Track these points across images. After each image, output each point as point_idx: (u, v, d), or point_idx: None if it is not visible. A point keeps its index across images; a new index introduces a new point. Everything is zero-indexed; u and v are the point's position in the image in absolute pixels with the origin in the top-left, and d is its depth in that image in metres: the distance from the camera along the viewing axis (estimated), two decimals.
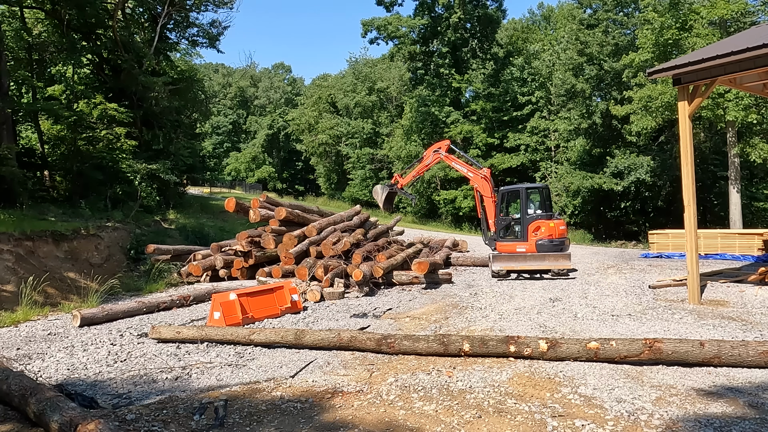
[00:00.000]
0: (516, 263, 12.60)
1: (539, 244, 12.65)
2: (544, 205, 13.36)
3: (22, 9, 19.22)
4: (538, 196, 13.58)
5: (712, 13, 22.17)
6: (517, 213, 13.57)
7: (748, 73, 9.18)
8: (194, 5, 24.67)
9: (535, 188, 13.77)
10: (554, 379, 5.49)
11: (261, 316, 8.94)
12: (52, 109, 18.19)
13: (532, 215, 13.02)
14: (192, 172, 34.63)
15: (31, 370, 6.39)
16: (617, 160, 30.71)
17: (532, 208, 13.30)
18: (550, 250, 12.55)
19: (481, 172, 13.77)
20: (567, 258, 12.47)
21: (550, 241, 12.63)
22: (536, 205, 13.43)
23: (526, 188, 13.29)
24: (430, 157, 14.27)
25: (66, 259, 13.04)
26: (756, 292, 9.65)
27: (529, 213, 13.06)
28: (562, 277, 12.49)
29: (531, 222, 12.90)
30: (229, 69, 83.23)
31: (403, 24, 40.15)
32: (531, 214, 13.05)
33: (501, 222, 13.42)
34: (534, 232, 12.82)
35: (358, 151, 48.68)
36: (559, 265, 12.43)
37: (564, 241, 12.90)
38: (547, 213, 13.12)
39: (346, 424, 4.56)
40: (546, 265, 12.48)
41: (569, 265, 12.52)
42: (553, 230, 12.71)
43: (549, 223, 12.76)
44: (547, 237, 12.64)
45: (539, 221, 12.86)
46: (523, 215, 13.05)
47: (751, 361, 5.57)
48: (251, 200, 15.37)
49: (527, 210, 13.07)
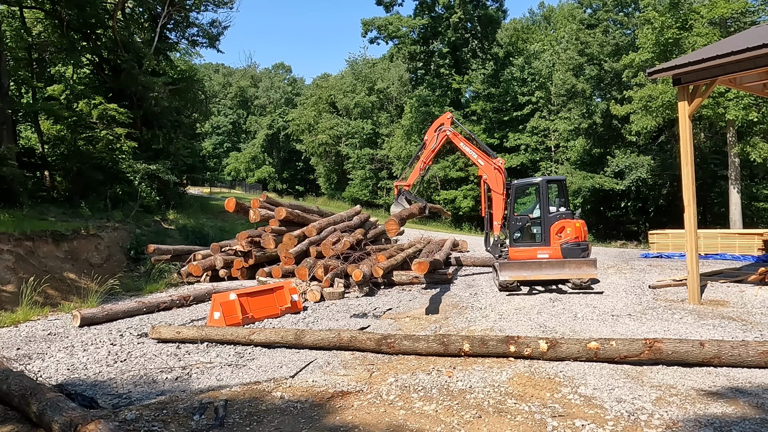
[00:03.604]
0: (529, 272, 10.41)
1: (565, 248, 10.54)
2: (564, 202, 11.34)
3: (21, 9, 19.22)
4: (557, 190, 11.67)
5: (712, 13, 22.19)
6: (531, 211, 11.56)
7: (748, 73, 9.18)
8: (194, 5, 24.66)
9: (555, 181, 11.62)
10: (554, 379, 5.49)
11: (261, 316, 8.94)
12: (52, 109, 18.21)
13: (555, 213, 10.91)
14: (192, 172, 34.66)
15: (31, 370, 6.39)
16: (617, 159, 30.74)
17: (554, 205, 11.25)
18: (578, 255, 10.50)
19: (495, 162, 11.52)
20: (592, 265, 10.31)
21: (577, 244, 10.56)
22: (556, 201, 11.46)
23: (546, 181, 11.15)
24: (434, 139, 12.03)
25: (66, 259, 13.04)
26: (756, 292, 9.64)
27: (551, 211, 10.96)
28: (584, 290, 10.55)
29: (554, 222, 10.80)
30: (229, 69, 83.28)
31: (404, 24, 40.18)
32: (553, 212, 10.96)
33: (515, 223, 11.24)
34: (558, 233, 10.71)
35: (358, 151, 48.70)
36: (582, 274, 10.36)
37: (588, 245, 11.03)
38: (568, 211, 11.11)
39: (346, 424, 4.55)
40: (566, 273, 10.41)
41: (594, 273, 10.37)
42: (579, 231, 10.71)
43: (575, 223, 10.74)
44: (574, 239, 10.57)
45: (563, 221, 10.78)
46: (544, 214, 10.90)
47: (751, 361, 5.56)
48: (251, 200, 15.37)
49: (548, 207, 10.96)
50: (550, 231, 10.78)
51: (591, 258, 10.56)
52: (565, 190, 11.52)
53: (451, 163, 38.19)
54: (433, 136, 12.08)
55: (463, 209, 37.03)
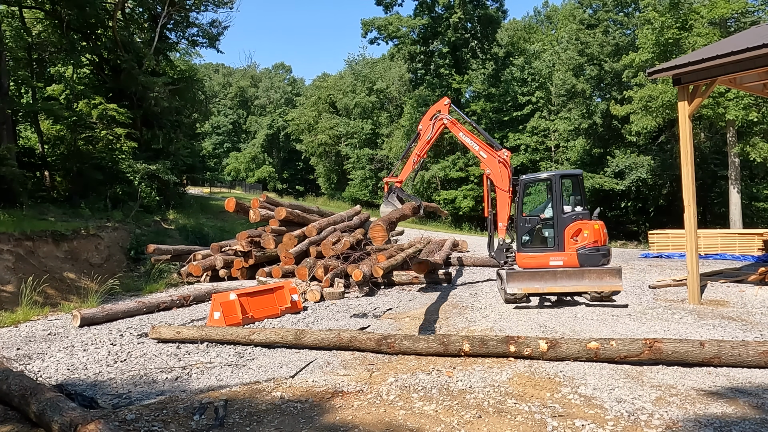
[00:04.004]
0: (542, 284, 8.88)
1: (583, 254, 8.98)
2: (579, 200, 9.65)
3: (21, 9, 19.22)
4: (573, 187, 9.96)
5: (712, 13, 22.20)
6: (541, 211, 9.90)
7: (748, 73, 9.19)
8: (194, 5, 24.66)
9: (570, 176, 9.88)
10: (554, 379, 5.49)
11: (261, 316, 8.94)
12: (52, 110, 18.22)
13: (570, 213, 9.30)
14: (192, 172, 34.62)
15: (31, 370, 6.39)
16: (617, 159, 30.76)
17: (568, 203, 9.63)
18: (597, 262, 8.96)
19: (500, 155, 9.99)
20: (616, 276, 8.76)
21: (596, 249, 8.98)
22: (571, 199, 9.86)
23: (560, 176, 9.49)
24: (430, 128, 10.61)
25: (66, 259, 13.04)
26: (756, 292, 9.65)
27: (566, 211, 9.35)
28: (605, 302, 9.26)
29: (569, 223, 9.18)
30: (229, 69, 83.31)
31: (404, 24, 40.21)
32: (568, 211, 9.35)
33: (524, 224, 9.61)
34: (573, 237, 9.13)
35: (358, 151, 48.71)
36: (604, 286, 8.81)
37: (609, 250, 9.37)
38: (585, 210, 9.40)
39: (346, 424, 4.55)
40: (586, 285, 8.84)
41: (619, 285, 8.78)
42: (598, 234, 9.08)
43: (593, 225, 9.11)
44: (592, 244, 9.00)
45: (580, 222, 9.15)
46: (557, 214, 9.26)
47: (751, 361, 5.57)
48: (251, 200, 15.38)
49: (563, 206, 9.34)
50: (565, 234, 9.16)
51: (614, 267, 8.97)
52: (581, 186, 9.74)
53: (451, 164, 38.20)
54: (429, 125, 10.63)
55: (463, 209, 37.05)
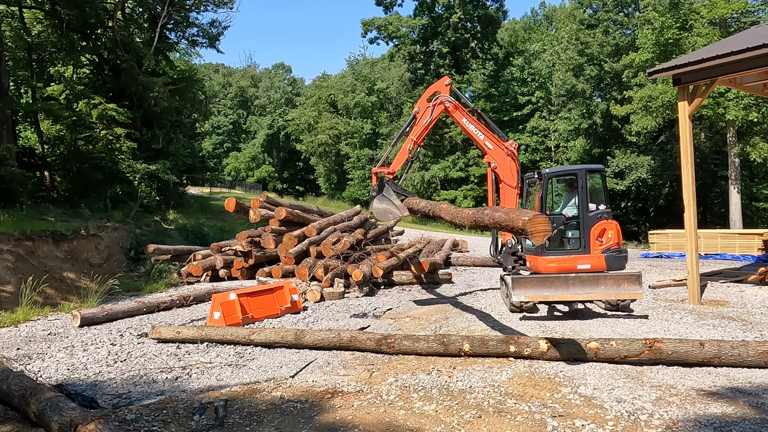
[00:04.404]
0: (552, 291, 7.99)
1: (609, 257, 8.27)
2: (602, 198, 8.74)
3: (21, 9, 19.22)
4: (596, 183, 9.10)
5: (712, 13, 22.21)
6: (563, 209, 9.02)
7: (748, 73, 9.20)
8: (194, 5, 24.64)
9: (595, 171, 8.84)
10: (554, 379, 5.49)
11: (261, 316, 8.94)
12: (52, 110, 18.21)
13: (595, 212, 8.44)
14: (192, 172, 34.64)
15: (31, 370, 6.39)
16: (617, 160, 30.77)
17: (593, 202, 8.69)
18: (621, 265, 8.33)
19: (507, 146, 9.16)
20: (635, 282, 7.91)
21: (618, 251, 8.36)
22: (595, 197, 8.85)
23: (587, 171, 8.61)
24: (429, 111, 9.26)
25: (66, 259, 13.04)
26: (756, 292, 9.65)
27: (591, 209, 8.48)
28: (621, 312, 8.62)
29: (595, 223, 8.38)
30: (229, 69, 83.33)
31: (404, 24, 40.24)
32: (593, 210, 8.47)
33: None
34: (598, 238, 8.33)
35: (358, 151, 48.70)
36: (622, 293, 8.04)
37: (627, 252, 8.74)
38: (608, 209, 8.66)
39: (346, 425, 4.55)
40: (602, 293, 8.03)
41: (639, 293, 7.95)
42: (619, 235, 8.54)
43: (616, 225, 8.52)
44: (615, 245, 8.36)
45: (605, 221, 8.39)
46: (583, 212, 8.44)
47: (751, 361, 5.57)
48: (251, 200, 15.37)
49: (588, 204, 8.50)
50: (590, 235, 8.36)
51: (633, 272, 8.15)
52: (604, 182, 8.86)
53: (451, 163, 38.19)
54: (427, 107, 9.30)
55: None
